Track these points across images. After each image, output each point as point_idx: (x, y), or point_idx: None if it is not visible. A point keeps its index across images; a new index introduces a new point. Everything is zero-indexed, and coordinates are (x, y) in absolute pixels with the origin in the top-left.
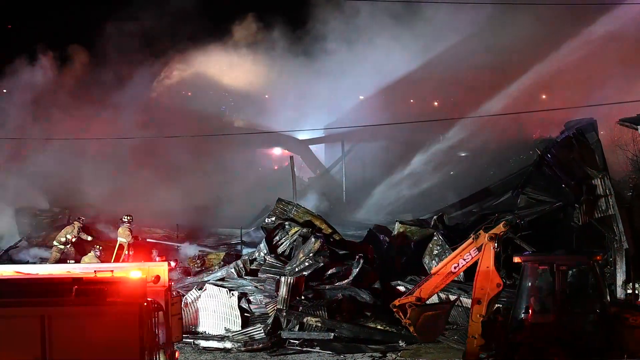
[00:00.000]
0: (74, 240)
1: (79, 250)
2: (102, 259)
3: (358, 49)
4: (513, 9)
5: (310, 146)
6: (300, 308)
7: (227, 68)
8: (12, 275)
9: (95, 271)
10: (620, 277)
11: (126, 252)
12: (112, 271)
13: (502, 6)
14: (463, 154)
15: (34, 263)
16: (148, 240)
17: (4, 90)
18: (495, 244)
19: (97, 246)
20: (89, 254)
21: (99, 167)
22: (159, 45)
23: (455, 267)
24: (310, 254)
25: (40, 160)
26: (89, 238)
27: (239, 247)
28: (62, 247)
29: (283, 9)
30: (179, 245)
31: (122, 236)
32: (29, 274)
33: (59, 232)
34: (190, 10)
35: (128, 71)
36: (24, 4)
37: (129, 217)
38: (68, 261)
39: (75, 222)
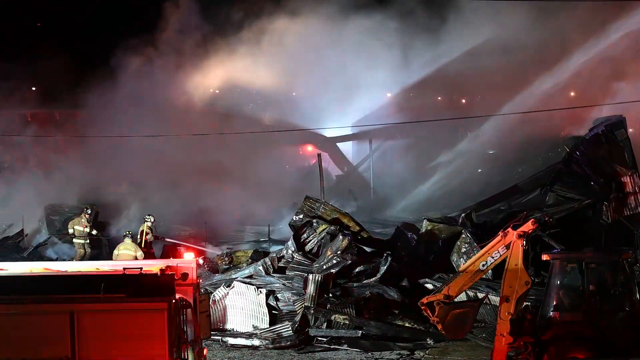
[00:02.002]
0: (86, 230)
1: (94, 246)
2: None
3: (386, 46)
4: (542, 5)
5: (338, 144)
6: (328, 306)
7: (255, 66)
8: (42, 272)
9: (124, 268)
10: None
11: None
12: (140, 268)
13: (531, 3)
14: (491, 152)
15: (63, 260)
16: (167, 240)
17: (33, 89)
18: (524, 242)
19: (128, 231)
20: (125, 240)
21: (127, 164)
22: (185, 42)
23: (483, 265)
24: (338, 252)
25: (69, 158)
26: (94, 232)
27: (266, 245)
28: (81, 241)
29: (310, 6)
30: (204, 247)
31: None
32: (58, 270)
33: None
34: (218, 8)
35: (155, 70)
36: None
37: (150, 217)
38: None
39: (83, 214)
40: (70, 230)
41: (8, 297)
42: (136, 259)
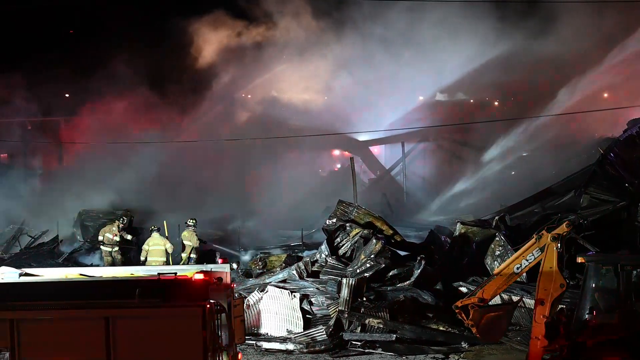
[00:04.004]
0: (116, 238)
1: (123, 252)
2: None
3: (417, 50)
4: (573, 7)
5: (370, 147)
6: (362, 309)
7: (287, 70)
8: (77, 278)
9: (158, 273)
10: None
11: (193, 255)
12: (175, 273)
13: (562, 4)
14: (524, 154)
15: (97, 265)
16: (213, 245)
17: (66, 95)
18: (558, 245)
19: (154, 226)
20: (153, 235)
21: (161, 169)
22: (216, 47)
23: (517, 268)
24: (372, 256)
25: (103, 164)
26: (129, 237)
27: (300, 249)
28: (108, 249)
29: (342, 10)
30: (241, 249)
31: (188, 239)
32: (93, 276)
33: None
34: (252, 11)
35: (185, 74)
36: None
37: (193, 221)
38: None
39: (116, 221)
40: (100, 238)
41: (44, 302)
42: (166, 252)
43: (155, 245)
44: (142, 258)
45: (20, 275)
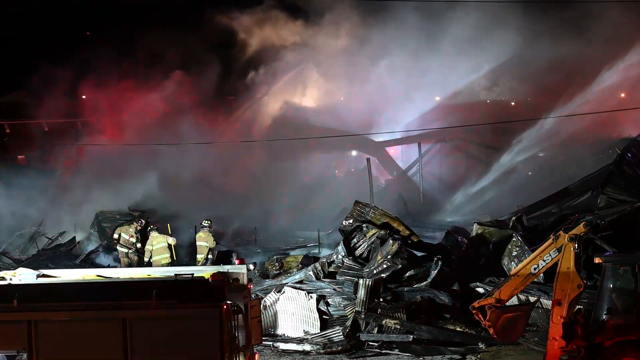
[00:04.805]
0: (132, 239)
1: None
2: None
3: (434, 50)
4: (591, 6)
5: (386, 148)
6: (379, 310)
7: (304, 72)
8: (94, 279)
9: (175, 274)
10: None
11: (210, 257)
12: (192, 274)
13: (580, 4)
14: (541, 154)
15: (115, 267)
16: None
17: (83, 97)
18: (576, 245)
19: (207, 221)
20: (152, 234)
21: (178, 172)
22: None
23: (535, 269)
24: (388, 256)
25: (121, 165)
26: (139, 245)
27: (316, 250)
28: (125, 250)
29: (357, 10)
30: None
31: (204, 240)
32: (110, 277)
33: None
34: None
35: (206, 77)
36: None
37: (208, 222)
38: None
39: (134, 223)
40: (116, 236)
41: (61, 304)
42: (170, 246)
43: (159, 244)
44: (146, 259)
45: (38, 276)
